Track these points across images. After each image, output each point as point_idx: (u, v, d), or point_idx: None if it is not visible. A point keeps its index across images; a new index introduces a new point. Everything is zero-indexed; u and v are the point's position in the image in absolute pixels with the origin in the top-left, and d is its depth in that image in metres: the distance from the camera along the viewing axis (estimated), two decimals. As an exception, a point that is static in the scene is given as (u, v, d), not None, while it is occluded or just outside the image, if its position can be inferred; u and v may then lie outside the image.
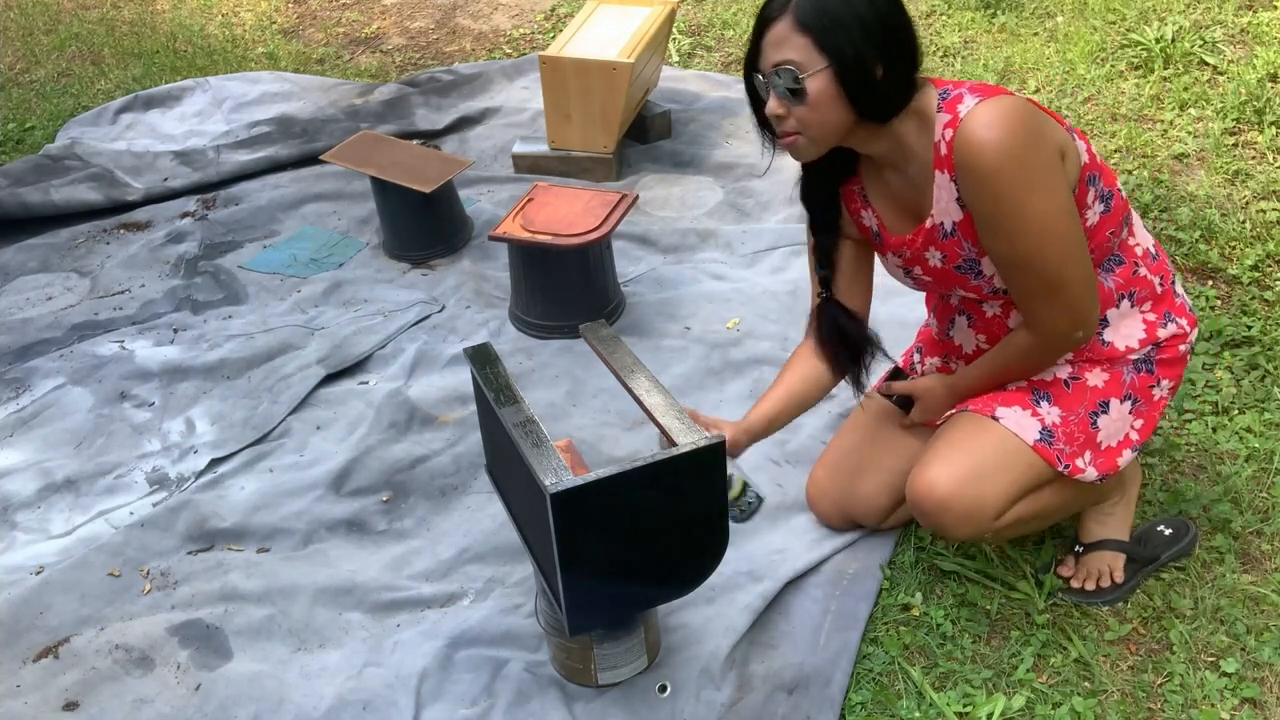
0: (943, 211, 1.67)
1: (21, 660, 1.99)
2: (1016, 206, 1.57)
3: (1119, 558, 1.94)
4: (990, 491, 1.73)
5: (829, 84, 1.56)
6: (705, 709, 1.80)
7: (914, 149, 1.65)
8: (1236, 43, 3.65)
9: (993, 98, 1.56)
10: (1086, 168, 1.66)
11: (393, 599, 2.05)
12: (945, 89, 1.62)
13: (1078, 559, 1.97)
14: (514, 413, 1.69)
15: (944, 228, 1.69)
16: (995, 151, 1.54)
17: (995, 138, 1.53)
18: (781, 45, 1.57)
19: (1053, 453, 1.76)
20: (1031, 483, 1.77)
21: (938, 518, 1.75)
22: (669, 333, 2.72)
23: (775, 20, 1.57)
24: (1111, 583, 1.93)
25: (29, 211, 3.41)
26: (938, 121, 1.61)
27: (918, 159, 1.66)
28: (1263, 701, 1.76)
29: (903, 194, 1.74)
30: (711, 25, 4.33)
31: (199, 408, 2.58)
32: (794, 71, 1.56)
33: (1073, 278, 1.63)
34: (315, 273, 3.09)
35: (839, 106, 1.58)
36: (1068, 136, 1.64)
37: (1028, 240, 1.59)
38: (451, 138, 3.75)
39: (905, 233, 1.77)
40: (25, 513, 2.33)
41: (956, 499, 1.73)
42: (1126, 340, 1.79)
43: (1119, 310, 1.79)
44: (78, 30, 4.89)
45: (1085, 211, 1.68)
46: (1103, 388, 1.79)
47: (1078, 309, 1.66)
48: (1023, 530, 1.86)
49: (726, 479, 1.65)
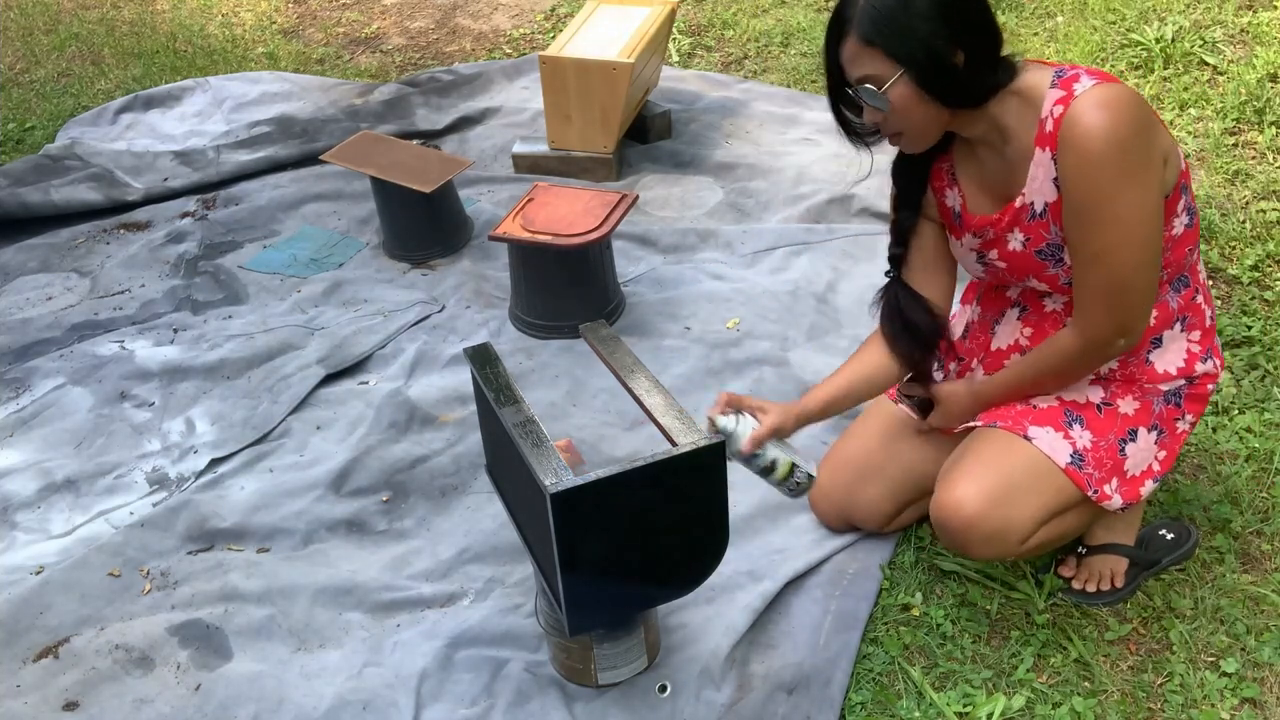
0: (1036, 191, 1.64)
1: (21, 660, 1.99)
2: (1110, 195, 1.54)
3: (1121, 562, 1.94)
4: (1018, 514, 1.70)
5: (910, 88, 1.57)
6: (705, 709, 1.80)
7: (1013, 129, 1.63)
8: (1236, 43, 3.65)
9: (1111, 82, 1.54)
10: (1183, 175, 1.64)
11: (393, 599, 2.05)
12: (1061, 68, 1.60)
13: (1079, 560, 1.97)
14: (514, 413, 1.69)
15: (1034, 208, 1.66)
16: (1104, 134, 1.51)
17: (1108, 120, 1.51)
18: (856, 61, 1.59)
19: (1084, 477, 1.73)
20: (1060, 506, 1.74)
21: (962, 536, 1.71)
22: (669, 333, 2.72)
23: (843, 39, 1.59)
24: (1112, 586, 1.93)
25: (29, 211, 3.41)
26: (1048, 98, 1.58)
27: (1017, 139, 1.64)
28: (1263, 701, 1.76)
29: (994, 174, 1.71)
30: (711, 25, 4.33)
31: (199, 408, 2.58)
32: (873, 88, 1.59)
33: (1140, 283, 1.61)
34: (315, 273, 3.09)
35: (927, 105, 1.59)
36: (1172, 141, 1.62)
37: (1111, 233, 1.56)
38: (451, 138, 3.75)
39: (990, 212, 1.74)
40: (25, 513, 2.33)
41: (984, 520, 1.69)
42: (1168, 366, 1.77)
43: (1172, 333, 1.76)
44: (78, 30, 4.88)
45: (1173, 219, 1.65)
46: (1133, 415, 1.77)
47: (1132, 316, 1.64)
48: (1043, 552, 1.85)
49: (726, 480, 1.65)
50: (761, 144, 3.51)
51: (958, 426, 1.89)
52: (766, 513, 2.16)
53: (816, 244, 3.00)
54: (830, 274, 2.86)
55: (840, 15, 1.59)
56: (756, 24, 4.27)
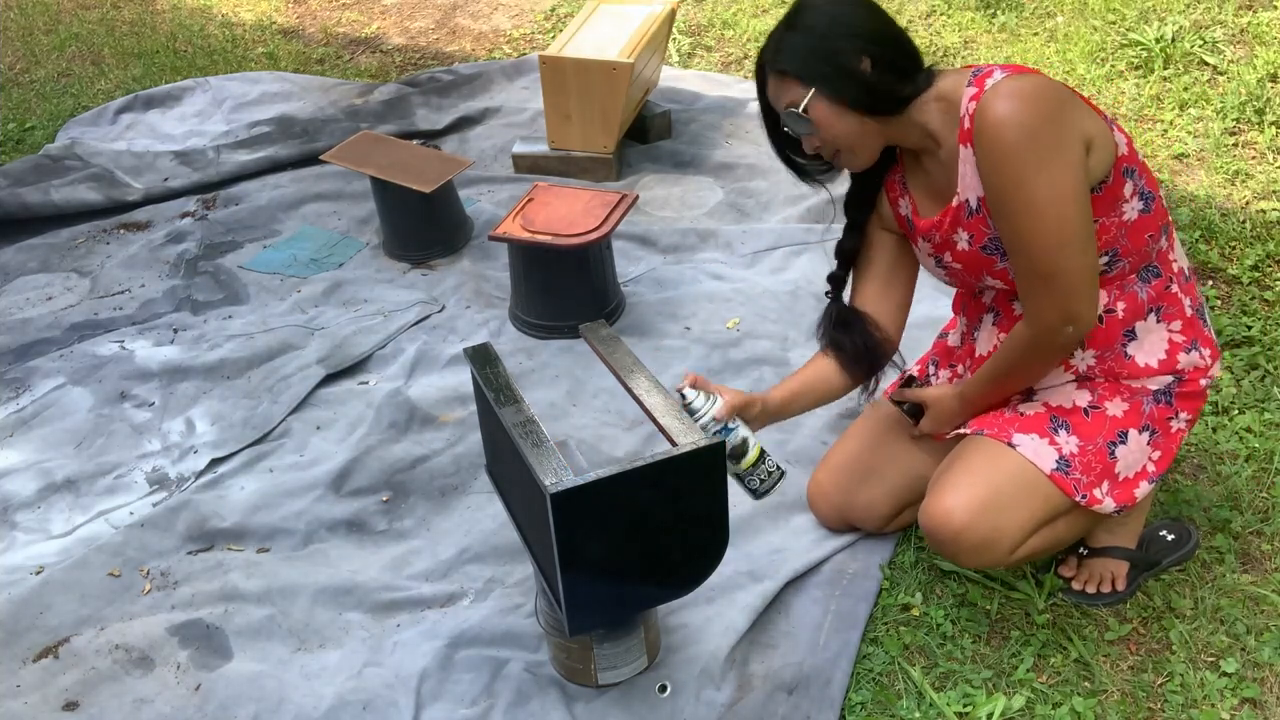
0: (968, 188, 1.67)
1: (21, 660, 1.99)
2: (1020, 182, 1.55)
3: (1123, 565, 1.93)
4: (1007, 523, 1.71)
5: (825, 102, 1.65)
6: (705, 709, 1.80)
7: (940, 133, 1.67)
8: (1236, 43, 3.65)
9: (1023, 73, 1.57)
10: (1124, 159, 1.63)
11: (393, 599, 2.05)
12: (978, 69, 1.63)
13: (1081, 561, 1.96)
14: (514, 413, 1.69)
15: (969, 205, 1.69)
16: (1010, 123, 1.53)
17: (1013, 109, 1.53)
18: (778, 95, 1.70)
19: (1069, 482, 1.72)
20: (1049, 514, 1.74)
21: (952, 546, 1.72)
22: (669, 333, 2.72)
23: (766, 81, 1.71)
24: (1112, 588, 1.93)
25: (29, 211, 3.41)
26: (964, 95, 1.61)
27: (945, 142, 1.67)
28: (1263, 701, 1.76)
29: (936, 179, 1.74)
30: (711, 25, 4.33)
31: (199, 408, 2.58)
32: (795, 110, 1.67)
33: (1067, 267, 1.58)
34: (315, 273, 3.09)
35: (848, 116, 1.66)
36: (1102, 126, 1.61)
37: (1025, 219, 1.57)
38: (451, 138, 3.75)
39: (933, 214, 1.77)
40: (25, 513, 2.33)
41: (972, 530, 1.70)
42: (1149, 358, 1.76)
43: (1146, 324, 1.75)
44: (78, 30, 4.88)
45: (1122, 205, 1.65)
46: (1122, 417, 1.76)
47: (1069, 301, 1.61)
48: (1037, 559, 1.85)
49: (726, 480, 1.65)
50: (761, 144, 3.50)
51: (948, 431, 1.91)
52: (767, 513, 2.16)
53: (816, 244, 3.00)
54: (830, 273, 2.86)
55: (759, 63, 1.71)
56: (756, 24, 4.27)
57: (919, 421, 1.98)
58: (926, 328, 2.48)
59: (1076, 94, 1.61)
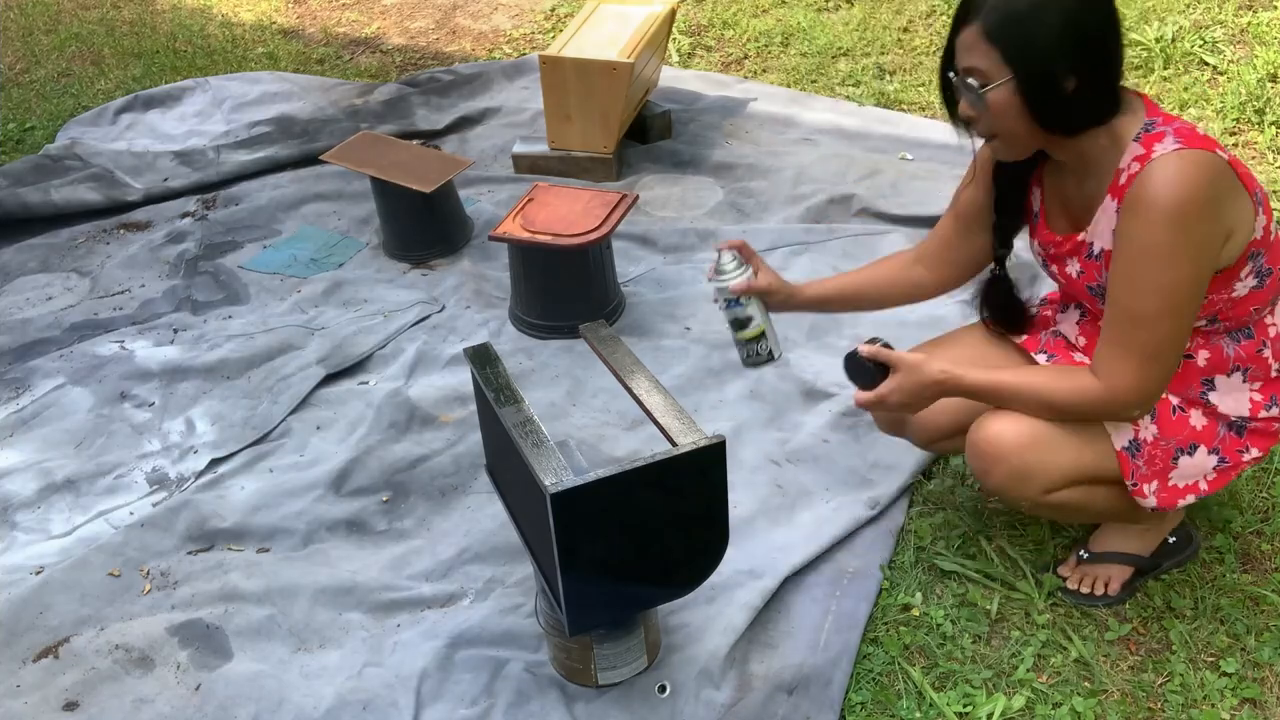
0: (1098, 235, 1.66)
1: (21, 660, 1.99)
2: (1156, 268, 1.54)
3: (1126, 570, 1.93)
4: (1052, 462, 1.69)
5: (1012, 96, 1.55)
6: (705, 709, 1.80)
7: (1097, 166, 1.63)
8: (1236, 43, 3.65)
9: (1192, 149, 1.52)
10: (1254, 244, 1.61)
11: (393, 599, 2.05)
12: (1153, 120, 1.59)
13: (1079, 563, 1.96)
14: (514, 413, 1.69)
15: (1092, 249, 1.68)
16: (1165, 210, 1.50)
17: (1173, 196, 1.50)
18: (971, 51, 1.56)
19: (1131, 466, 1.71)
20: (1094, 475, 1.72)
21: (988, 464, 1.71)
22: (669, 333, 2.72)
23: (966, 23, 1.56)
24: (1105, 591, 1.93)
25: (29, 211, 3.41)
26: (1129, 151, 1.57)
27: (1095, 178, 1.64)
28: (1263, 701, 1.76)
29: (1071, 199, 1.72)
30: (711, 25, 4.33)
31: (199, 408, 2.58)
32: (975, 84, 1.56)
33: (1171, 355, 1.60)
34: (315, 273, 3.09)
35: (1023, 118, 1.57)
36: (1247, 214, 1.59)
37: (1149, 301, 1.56)
38: (451, 138, 3.75)
39: (1058, 233, 1.75)
40: (25, 513, 2.33)
41: (1015, 456, 1.68)
42: (1231, 411, 1.75)
43: (1229, 380, 1.73)
44: (78, 30, 4.89)
45: (1235, 284, 1.63)
46: (1200, 431, 1.74)
47: (1156, 383, 1.62)
48: (1061, 516, 1.84)
49: (726, 480, 1.65)
50: (761, 144, 3.51)
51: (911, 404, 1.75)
52: (767, 512, 2.16)
53: (816, 244, 3.00)
54: (830, 274, 2.85)
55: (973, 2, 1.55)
56: (756, 24, 4.27)
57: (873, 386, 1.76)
58: (929, 327, 2.48)
59: (1237, 168, 1.57)
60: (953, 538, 2.09)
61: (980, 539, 2.07)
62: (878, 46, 4.01)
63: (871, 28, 4.12)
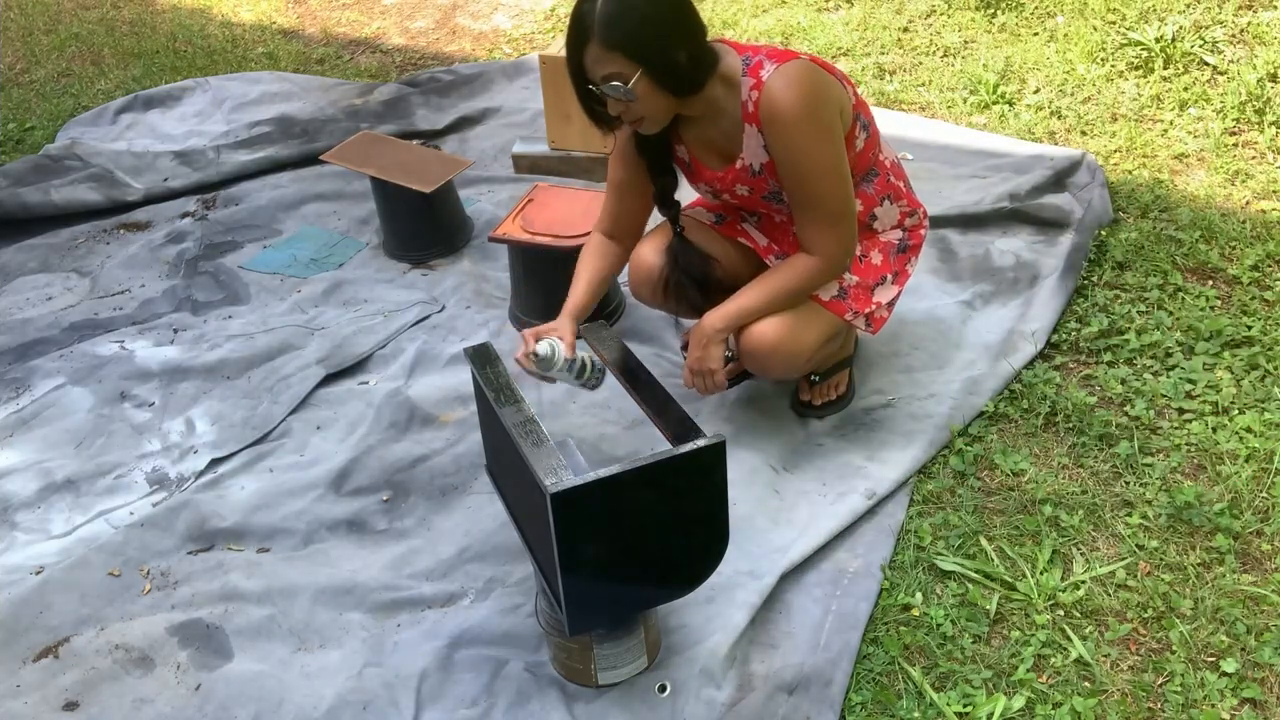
0: (752, 155, 2.05)
1: (21, 660, 1.99)
2: (808, 153, 1.97)
3: (844, 374, 2.38)
4: (806, 338, 2.13)
5: (648, 83, 1.91)
6: (705, 709, 1.80)
7: (724, 107, 2.01)
8: (1236, 43, 3.65)
9: (785, 63, 1.94)
10: (854, 107, 2.07)
11: (393, 599, 2.05)
12: (746, 55, 1.98)
13: (812, 385, 2.36)
14: (514, 413, 1.69)
15: (752, 168, 2.08)
16: (791, 111, 1.93)
17: (794, 99, 1.93)
18: (600, 63, 1.89)
19: (845, 307, 2.17)
20: (831, 333, 2.18)
21: (764, 363, 2.13)
22: (669, 333, 2.72)
23: (586, 45, 1.89)
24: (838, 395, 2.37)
25: (29, 211, 3.41)
26: (743, 85, 1.97)
27: (728, 114, 2.02)
28: (1263, 701, 1.77)
29: (715, 140, 2.09)
30: (711, 25, 4.33)
31: (199, 408, 2.58)
32: (620, 85, 1.89)
33: (849, 212, 2.04)
34: (315, 273, 3.09)
35: (661, 95, 1.94)
36: (843, 91, 2.03)
37: (818, 181, 1.99)
38: (451, 138, 3.75)
39: (718, 169, 2.13)
40: (25, 513, 2.33)
41: (782, 347, 2.11)
42: (886, 226, 2.24)
43: (882, 208, 2.21)
44: (78, 30, 4.89)
45: (854, 141, 2.08)
46: (879, 265, 2.22)
47: (851, 236, 2.07)
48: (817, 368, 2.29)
49: (726, 480, 1.65)
50: (761, 144, 3.50)
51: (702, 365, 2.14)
52: (767, 512, 2.16)
53: (816, 244, 3.00)
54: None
55: (581, 24, 1.88)
56: (756, 24, 4.27)
57: None
58: (926, 323, 2.48)
59: (820, 64, 1.99)
60: (953, 538, 2.09)
61: (980, 539, 2.08)
62: (877, 46, 4.01)
63: (871, 28, 4.12)
